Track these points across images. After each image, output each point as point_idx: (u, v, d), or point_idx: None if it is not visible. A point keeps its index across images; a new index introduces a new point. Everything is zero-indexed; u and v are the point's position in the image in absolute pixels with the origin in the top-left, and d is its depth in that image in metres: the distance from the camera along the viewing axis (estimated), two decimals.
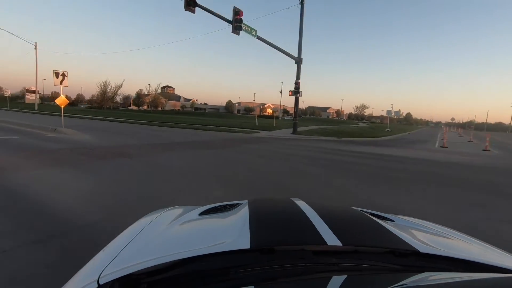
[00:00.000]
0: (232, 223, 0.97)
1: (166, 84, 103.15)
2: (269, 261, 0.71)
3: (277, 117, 35.34)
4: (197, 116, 48.41)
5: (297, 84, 17.74)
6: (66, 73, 11.60)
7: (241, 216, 0.97)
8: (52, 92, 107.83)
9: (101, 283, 0.66)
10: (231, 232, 0.86)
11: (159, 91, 74.53)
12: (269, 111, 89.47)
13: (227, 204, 1.28)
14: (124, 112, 47.62)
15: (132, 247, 0.86)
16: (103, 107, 70.01)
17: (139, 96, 73.91)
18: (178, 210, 1.27)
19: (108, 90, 65.03)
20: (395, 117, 32.14)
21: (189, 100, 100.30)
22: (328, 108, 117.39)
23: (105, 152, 7.66)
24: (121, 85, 67.45)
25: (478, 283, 0.65)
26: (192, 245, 0.79)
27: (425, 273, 0.71)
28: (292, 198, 1.20)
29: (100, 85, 64.95)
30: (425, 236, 1.01)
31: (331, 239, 0.76)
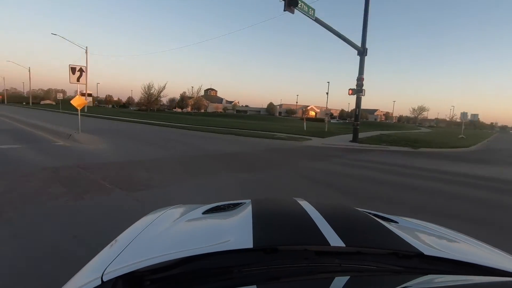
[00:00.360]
0: (235, 222, 0.96)
1: (209, 87, 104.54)
2: (272, 260, 0.71)
3: (323, 120, 31.69)
4: (238, 118, 46.67)
5: (360, 80, 14.22)
6: (83, 68, 9.86)
7: (244, 216, 0.96)
8: (106, 95, 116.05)
9: (104, 280, 0.66)
10: (234, 231, 0.85)
11: (202, 93, 74.82)
12: (312, 113, 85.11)
13: (230, 203, 1.27)
14: (167, 114, 47.64)
15: (135, 245, 0.87)
16: (149, 109, 72.40)
17: (183, 99, 74.99)
18: (181, 209, 1.26)
19: (151, 92, 64.47)
20: (462, 121, 26.53)
21: (230, 102, 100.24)
22: (375, 110, 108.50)
23: (107, 174, 5.31)
24: (163, 87, 66.26)
25: (483, 287, 0.64)
26: (195, 244, 0.78)
27: (429, 275, 0.70)
28: (295, 198, 1.19)
29: (144, 87, 64.67)
30: (429, 238, 1.02)
31: (334, 240, 0.75)
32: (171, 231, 0.97)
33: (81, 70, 9.85)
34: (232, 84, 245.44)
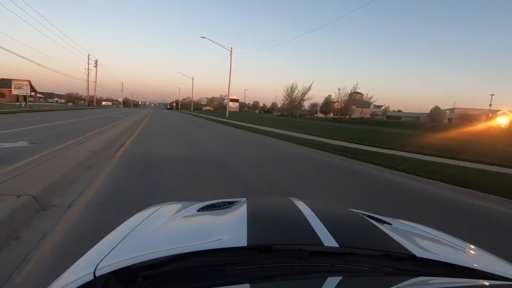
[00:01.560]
0: (230, 220, 0.96)
1: (354, 90, 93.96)
2: (266, 259, 0.71)
3: None
4: (394, 127, 35.68)
5: None
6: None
7: (239, 214, 0.97)
8: (253, 101, 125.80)
9: (97, 275, 0.66)
10: (228, 229, 0.85)
11: (346, 97, 65.94)
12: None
13: (225, 201, 1.27)
14: (308, 120, 42.39)
15: (129, 241, 0.86)
16: (290, 114, 70.32)
17: (327, 103, 68.06)
18: (176, 206, 1.26)
19: (294, 96, 56.64)
20: None
21: (379, 107, 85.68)
22: None
23: None
24: (309, 88, 56.97)
25: None
26: (189, 241, 0.79)
27: (420, 277, 0.72)
28: (291, 198, 1.19)
29: (286, 89, 57.92)
30: (422, 240, 1.05)
31: (328, 240, 0.75)
32: (165, 228, 0.98)
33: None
34: (381, 86, 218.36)
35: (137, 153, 7.58)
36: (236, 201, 1.21)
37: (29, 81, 41.94)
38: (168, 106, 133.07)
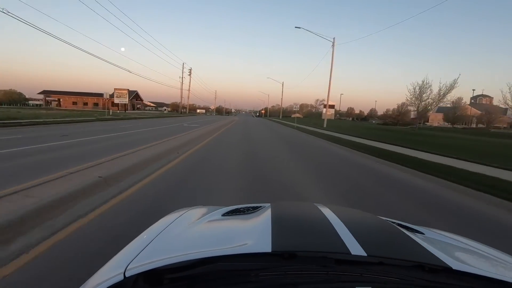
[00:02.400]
0: (254, 225, 0.96)
1: (480, 93, 72.95)
2: (290, 266, 0.70)
3: None
4: None
5: None
6: None
7: (263, 219, 0.96)
8: (348, 108, 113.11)
9: (127, 275, 0.68)
10: (253, 234, 0.85)
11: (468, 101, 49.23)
12: None
13: (250, 206, 1.28)
14: (424, 134, 30.98)
15: (157, 243, 0.89)
16: (397, 123, 58.01)
17: (456, 109, 52.64)
18: (202, 210, 1.28)
19: (425, 96, 33.44)
20: None
21: None
22: None
23: None
24: (452, 86, 32.35)
25: None
26: (214, 245, 0.81)
27: None
28: (316, 204, 1.17)
29: (414, 87, 34.41)
30: (459, 252, 0.99)
31: (355, 248, 0.73)
32: (191, 232, 1.00)
33: None
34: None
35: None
36: (261, 206, 1.21)
37: (128, 89, 46.04)
38: (257, 114, 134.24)
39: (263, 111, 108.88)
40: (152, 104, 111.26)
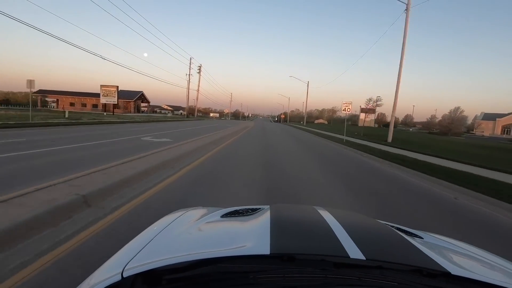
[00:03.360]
0: (253, 227, 0.96)
1: None
2: (289, 269, 0.70)
3: None
4: None
5: None
6: None
7: (262, 221, 0.96)
8: (406, 115, 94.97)
9: (124, 276, 0.68)
10: (251, 236, 0.85)
11: None
12: None
13: (249, 208, 1.27)
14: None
15: (155, 244, 0.88)
16: (450, 133, 47.40)
17: None
18: (201, 211, 1.27)
19: None
20: None
21: None
22: None
23: None
24: None
25: None
26: (213, 247, 0.80)
27: None
28: (315, 207, 1.16)
29: None
30: (458, 257, 0.99)
31: (354, 252, 0.72)
32: (189, 233, 0.99)
33: None
34: None
35: None
36: (260, 208, 1.21)
37: (117, 87, 39.07)
38: (276, 119, 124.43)
39: (282, 116, 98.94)
40: (169, 108, 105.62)
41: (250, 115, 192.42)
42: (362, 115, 49.41)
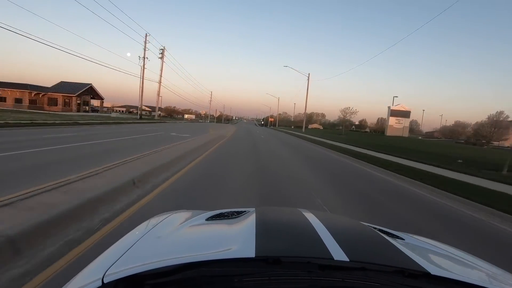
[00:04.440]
0: (239, 230, 0.95)
1: None
2: (274, 271, 0.70)
3: None
4: None
5: None
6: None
7: (247, 224, 0.94)
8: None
9: (105, 281, 0.66)
10: (237, 239, 0.84)
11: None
12: None
13: (234, 211, 1.26)
14: None
15: (138, 248, 0.86)
16: (489, 142, 37.30)
17: None
18: (185, 214, 1.25)
19: None
20: None
21: None
22: None
23: None
24: None
25: None
26: (198, 250, 0.79)
27: None
28: (300, 209, 1.17)
29: None
30: (437, 257, 1.01)
31: (338, 254, 0.73)
32: (173, 236, 0.97)
33: None
34: None
35: None
36: (245, 211, 1.19)
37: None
38: (262, 122, 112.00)
39: (271, 119, 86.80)
40: (121, 108, 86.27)
41: (235, 118, 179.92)
42: (392, 120, 37.73)
